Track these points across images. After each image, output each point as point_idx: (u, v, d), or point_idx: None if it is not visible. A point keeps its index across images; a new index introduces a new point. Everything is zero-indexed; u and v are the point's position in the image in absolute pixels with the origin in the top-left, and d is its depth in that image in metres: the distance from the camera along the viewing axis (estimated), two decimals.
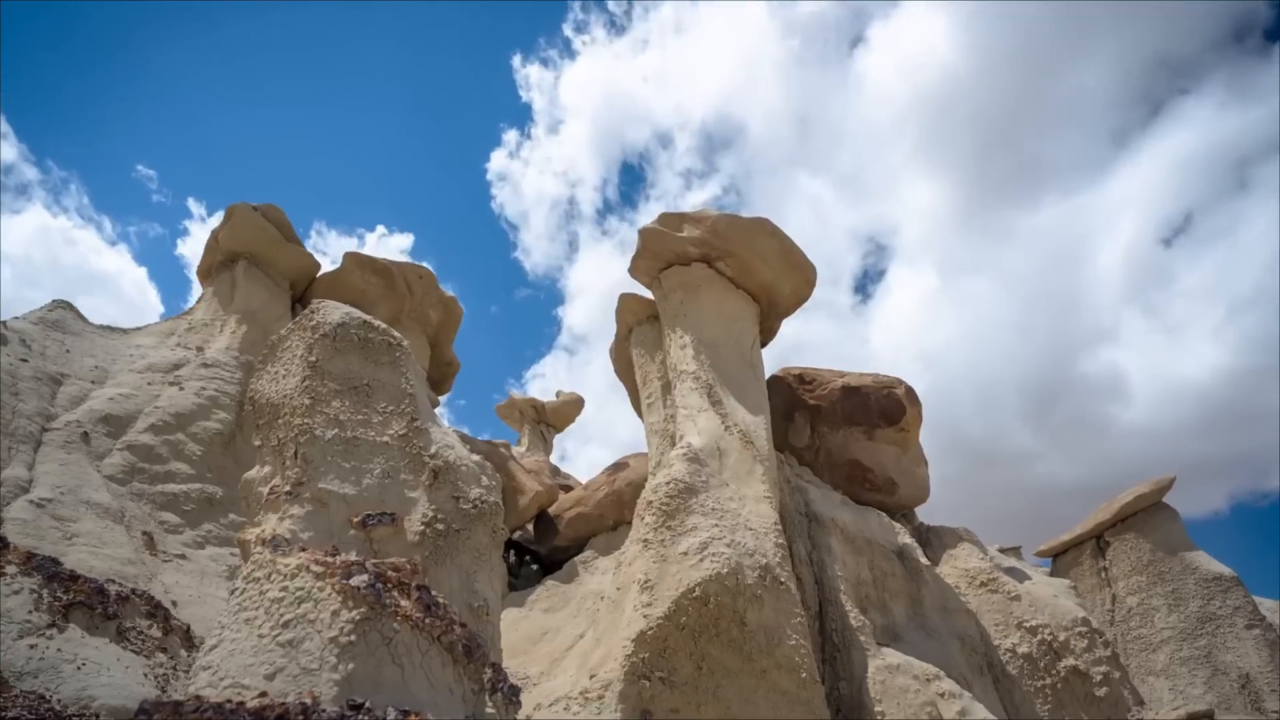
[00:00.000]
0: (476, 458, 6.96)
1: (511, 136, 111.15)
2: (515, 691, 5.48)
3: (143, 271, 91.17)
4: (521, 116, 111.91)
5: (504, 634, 12.76)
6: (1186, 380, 66.94)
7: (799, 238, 14.18)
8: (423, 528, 6.02)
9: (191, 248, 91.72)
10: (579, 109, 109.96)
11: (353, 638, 4.39)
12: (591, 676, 9.06)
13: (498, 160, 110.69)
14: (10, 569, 6.53)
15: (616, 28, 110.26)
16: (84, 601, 6.70)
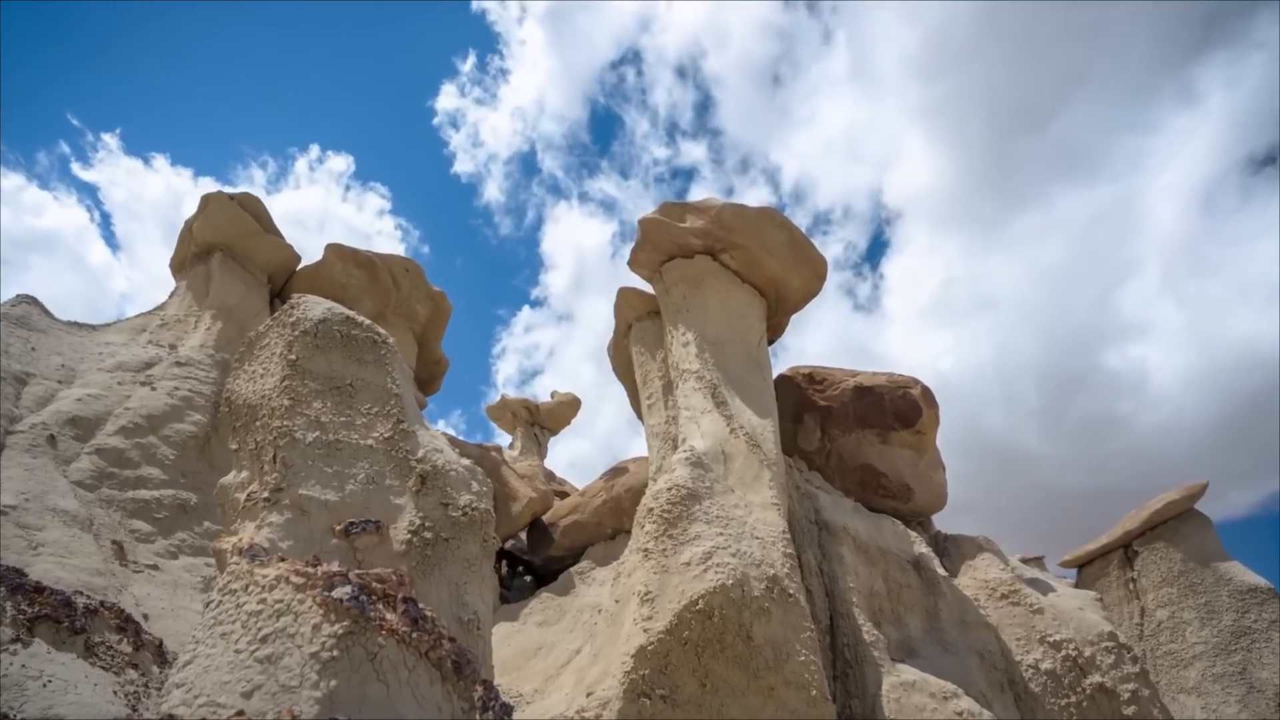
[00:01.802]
0: (467, 462, 6.96)
1: (468, 65, 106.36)
2: (508, 710, 5.48)
3: (84, 216, 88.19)
4: (475, 28, 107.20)
5: (496, 649, 12.78)
6: (1217, 375, 66.87)
7: (789, 207, 14.25)
8: (409, 536, 6.01)
9: (95, 175, 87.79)
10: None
11: (335, 653, 4.39)
12: (588, 694, 9.07)
13: (448, 95, 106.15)
14: None
15: None
16: (50, 615, 6.70)
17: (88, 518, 9.27)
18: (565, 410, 30.81)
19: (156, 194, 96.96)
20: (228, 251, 15.37)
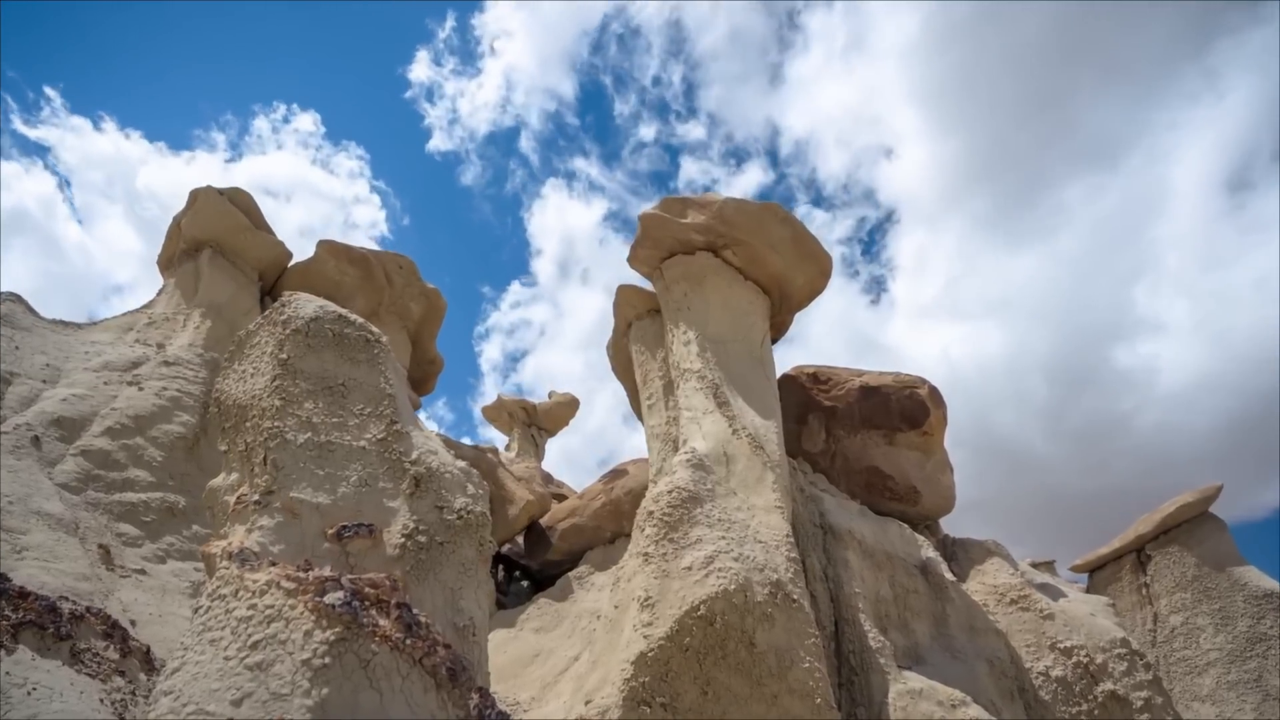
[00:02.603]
0: (462, 464, 6.96)
1: (446, 29, 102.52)
2: (504, 719, 5.48)
3: (50, 183, 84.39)
4: None
5: (492, 656, 12.78)
6: (1233, 372, 66.71)
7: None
8: (403, 540, 6.01)
9: (44, 134, 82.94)
10: None
11: (327, 660, 4.39)
12: (587, 702, 9.07)
13: (421, 64, 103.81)
14: None
15: None
16: (34, 621, 6.70)
17: (73, 521, 9.27)
18: (563, 411, 30.83)
19: (106, 157, 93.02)
20: (217, 248, 15.37)
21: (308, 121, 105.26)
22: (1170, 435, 65.74)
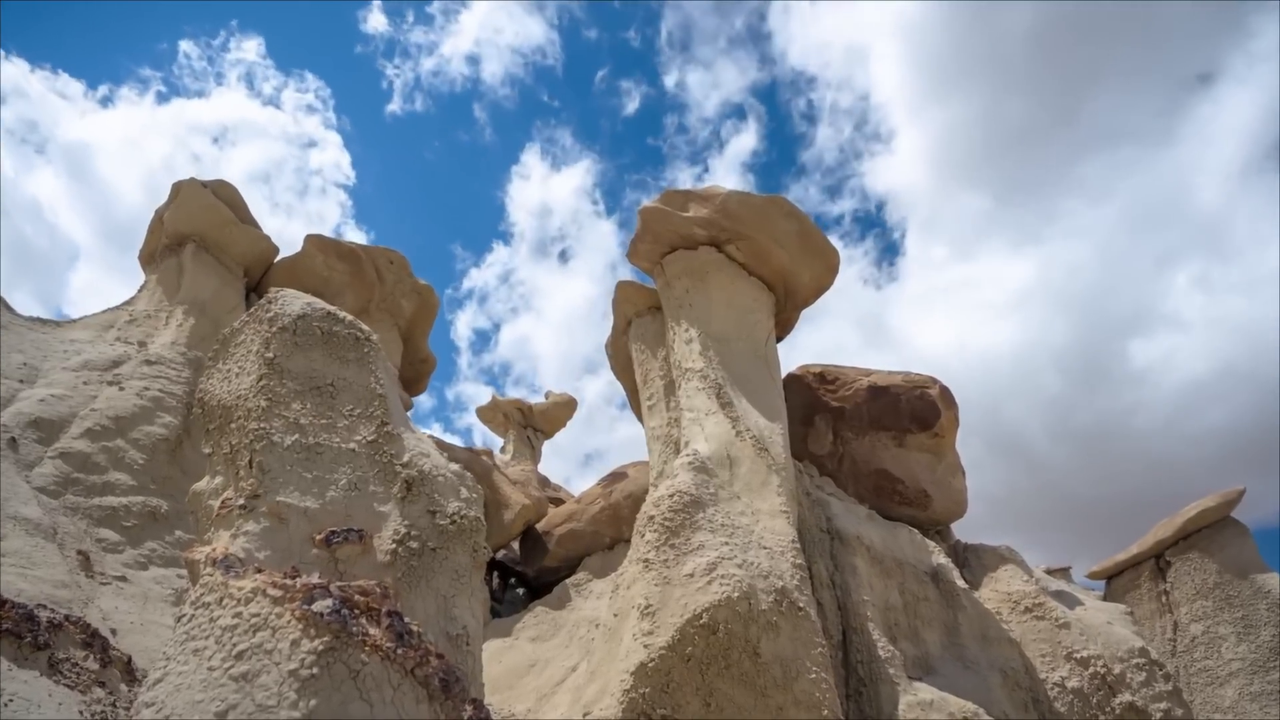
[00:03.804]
0: (455, 467, 6.95)
1: None
2: None
3: None
4: None
5: (487, 666, 12.79)
6: (1255, 366, 66.49)
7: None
8: (394, 546, 6.01)
9: None
10: None
11: (315, 670, 4.38)
12: (585, 714, 9.07)
13: (376, 17, 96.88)
14: None
15: None
16: (11, 629, 6.69)
17: (51, 526, 9.27)
18: (560, 412, 30.84)
19: (18, 91, 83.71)
20: (201, 243, 15.36)
21: (250, 49, 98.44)
22: (1187, 436, 65.79)
